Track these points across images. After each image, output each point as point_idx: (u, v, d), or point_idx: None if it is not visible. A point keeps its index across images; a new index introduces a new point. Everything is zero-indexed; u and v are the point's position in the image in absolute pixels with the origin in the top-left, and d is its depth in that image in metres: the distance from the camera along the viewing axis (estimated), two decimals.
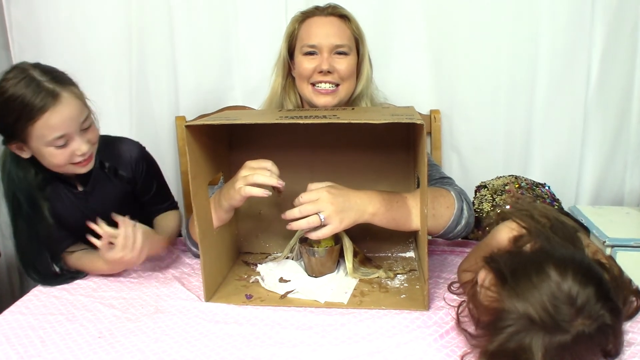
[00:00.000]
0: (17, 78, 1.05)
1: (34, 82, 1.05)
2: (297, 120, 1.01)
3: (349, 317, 0.98)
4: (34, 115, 1.04)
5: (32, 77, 1.05)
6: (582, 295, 0.75)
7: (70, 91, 1.09)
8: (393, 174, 1.23)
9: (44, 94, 1.04)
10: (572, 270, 0.77)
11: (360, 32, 1.36)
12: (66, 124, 1.07)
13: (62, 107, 1.06)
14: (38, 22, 1.71)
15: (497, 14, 1.68)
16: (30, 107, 1.04)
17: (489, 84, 1.75)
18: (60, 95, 1.06)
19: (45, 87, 1.05)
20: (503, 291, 0.79)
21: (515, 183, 1.60)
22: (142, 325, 0.97)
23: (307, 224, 1.01)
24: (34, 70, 1.07)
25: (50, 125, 1.05)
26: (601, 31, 1.67)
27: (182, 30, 1.73)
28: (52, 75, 1.08)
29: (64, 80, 1.10)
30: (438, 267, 1.20)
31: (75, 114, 1.09)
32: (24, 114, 1.04)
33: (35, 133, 1.06)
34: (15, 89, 1.04)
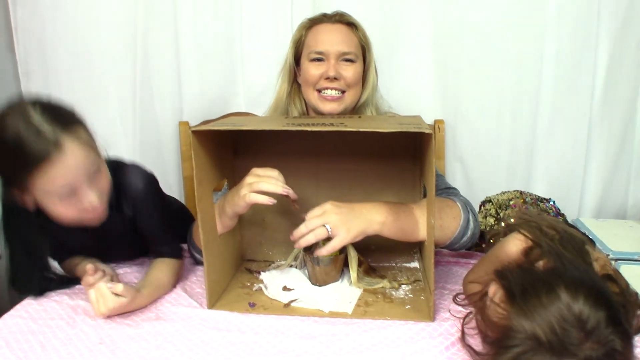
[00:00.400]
0: (14, 118, 0.90)
1: (32, 127, 0.90)
2: (304, 127, 1.00)
3: (354, 327, 0.97)
4: (32, 166, 0.91)
5: (30, 120, 0.90)
6: (592, 318, 0.73)
7: (75, 137, 0.94)
8: (399, 183, 1.22)
9: (43, 141, 0.90)
10: (583, 293, 0.75)
11: (367, 40, 1.36)
12: (71, 175, 0.94)
13: (64, 157, 0.92)
14: (43, 26, 1.71)
15: (502, 26, 1.69)
16: (28, 157, 0.90)
17: (494, 95, 1.75)
18: (62, 145, 0.91)
19: (45, 134, 0.90)
20: (512, 309, 0.78)
21: (520, 198, 1.59)
22: (143, 331, 0.96)
23: (314, 237, 1.00)
24: (34, 110, 0.91)
25: (51, 177, 0.92)
26: (606, 44, 1.68)
27: (187, 36, 1.74)
28: (55, 117, 0.93)
29: (68, 123, 0.94)
30: (443, 278, 1.19)
31: (80, 164, 0.94)
32: (21, 163, 0.91)
33: (36, 184, 0.93)
34: (11, 133, 0.90)
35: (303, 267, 1.21)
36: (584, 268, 0.87)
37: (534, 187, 1.80)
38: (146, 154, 1.79)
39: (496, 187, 1.78)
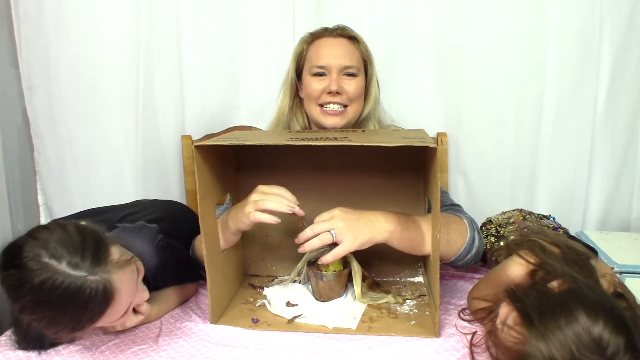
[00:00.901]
0: (51, 281, 0.80)
1: (79, 280, 0.81)
2: (308, 142, 1.00)
3: (359, 343, 0.96)
4: (96, 318, 0.85)
5: (70, 275, 0.81)
6: (613, 344, 0.72)
7: (117, 266, 0.87)
8: (402, 197, 1.22)
9: (98, 290, 0.83)
10: (603, 317, 0.74)
11: (368, 53, 1.36)
12: (129, 298, 0.91)
13: (120, 290, 0.87)
14: (47, 41, 1.72)
15: (504, 38, 1.69)
16: (91, 312, 0.84)
17: (496, 108, 1.74)
18: (113, 281, 0.85)
19: (95, 281, 0.83)
20: (529, 333, 0.76)
21: (519, 215, 1.59)
22: (147, 348, 0.95)
23: (319, 241, 0.98)
24: (60, 262, 0.81)
25: (115, 312, 0.88)
26: (609, 56, 1.68)
27: (189, 50, 1.74)
28: (87, 255, 0.84)
29: (100, 253, 0.86)
30: (448, 292, 1.18)
31: (132, 283, 0.91)
32: (83, 321, 0.84)
33: (97, 324, 0.89)
34: (62, 300, 0.81)
35: (307, 282, 1.21)
36: (600, 290, 0.86)
37: (537, 200, 1.80)
38: (149, 168, 1.79)
39: (499, 200, 1.78)
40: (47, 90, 1.75)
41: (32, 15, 1.69)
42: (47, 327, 0.84)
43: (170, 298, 1.13)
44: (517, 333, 0.79)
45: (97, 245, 0.86)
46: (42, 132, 1.79)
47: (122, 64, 1.74)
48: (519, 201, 1.80)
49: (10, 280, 0.82)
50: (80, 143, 1.77)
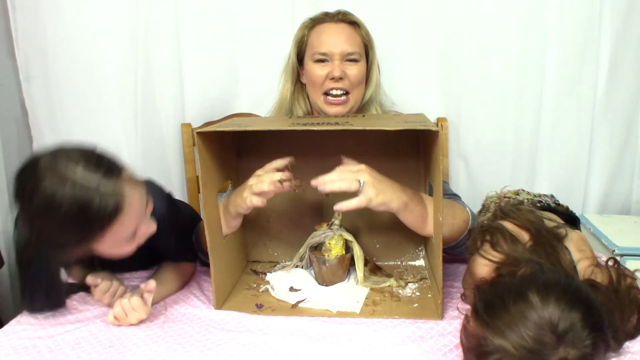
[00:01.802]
0: (64, 187, 0.82)
1: (90, 188, 0.83)
2: (310, 127, 1.00)
3: (363, 326, 0.97)
4: (105, 227, 0.87)
5: (83, 183, 0.83)
6: (565, 320, 0.71)
7: (128, 181, 0.90)
8: (403, 181, 1.20)
9: (109, 199, 0.85)
10: (555, 295, 0.73)
11: (369, 38, 1.36)
12: (138, 218, 0.92)
13: (130, 204, 0.88)
14: (44, 31, 1.71)
15: (505, 23, 1.68)
16: (99, 220, 0.85)
17: (497, 92, 1.74)
18: (124, 193, 0.87)
19: (107, 190, 0.85)
20: (479, 326, 0.76)
21: (515, 192, 1.59)
22: (152, 334, 0.96)
23: (347, 184, 0.96)
24: (74, 170, 0.83)
25: (123, 229, 0.90)
26: (609, 40, 1.68)
27: (188, 38, 1.73)
28: (101, 167, 0.86)
29: (114, 169, 0.89)
30: (450, 276, 1.19)
31: (142, 203, 0.93)
32: (91, 228, 0.86)
33: (105, 240, 0.90)
34: (73, 203, 0.82)
35: (309, 267, 1.21)
36: (562, 270, 0.86)
37: (538, 184, 1.80)
38: (149, 156, 1.78)
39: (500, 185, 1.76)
40: (44, 81, 1.74)
41: (28, 5, 1.68)
42: (56, 235, 0.86)
43: (169, 282, 1.13)
44: (471, 327, 0.79)
45: (112, 162, 0.90)
46: (41, 123, 1.78)
47: (120, 53, 1.73)
48: (519, 185, 1.79)
49: (26, 182, 0.84)
50: (79, 133, 1.76)
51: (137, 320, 0.99)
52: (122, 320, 0.98)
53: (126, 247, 0.95)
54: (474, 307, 0.80)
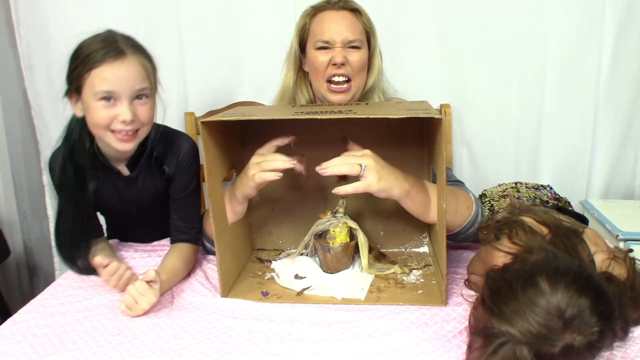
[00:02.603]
0: (100, 35, 1.07)
1: (110, 39, 1.06)
2: (313, 115, 1.00)
3: (368, 313, 0.98)
4: (92, 64, 1.03)
5: (111, 36, 1.07)
6: (572, 306, 0.71)
7: (138, 57, 1.08)
8: (407, 168, 1.20)
9: (111, 48, 1.04)
10: (564, 281, 0.73)
11: (371, 25, 1.36)
12: (118, 82, 1.04)
13: (121, 64, 1.04)
14: (45, 20, 1.70)
15: (508, 9, 1.67)
16: (92, 56, 1.03)
17: (500, 78, 1.74)
18: (124, 55, 1.05)
19: (115, 44, 1.05)
20: (484, 312, 0.77)
21: (514, 189, 1.59)
22: (160, 322, 0.97)
23: (347, 168, 0.97)
24: (117, 34, 1.08)
25: (102, 77, 1.03)
26: (613, 24, 1.66)
27: (190, 26, 1.72)
28: (132, 41, 1.09)
29: (140, 49, 1.10)
30: (454, 262, 1.19)
31: (131, 77, 1.06)
32: (85, 61, 1.04)
33: (88, 82, 1.04)
34: (90, 41, 1.06)
35: (314, 255, 1.22)
36: (575, 259, 0.86)
37: (541, 170, 1.80)
38: None
39: (503, 171, 1.78)
40: (47, 70, 1.74)
41: None
42: (70, 61, 1.08)
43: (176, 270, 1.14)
44: (478, 313, 0.80)
45: (144, 48, 1.13)
46: (43, 112, 1.78)
47: None
48: (522, 171, 1.80)
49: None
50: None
51: (148, 304, 0.99)
52: (133, 307, 0.98)
53: (101, 111, 1.05)
54: (482, 295, 0.81)
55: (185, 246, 1.20)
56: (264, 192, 1.24)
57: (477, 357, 0.78)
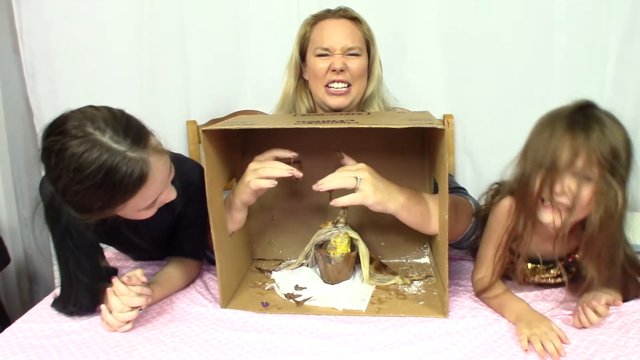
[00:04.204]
0: (91, 153, 0.83)
1: (118, 156, 0.84)
2: (315, 125, 0.99)
3: (370, 325, 0.97)
4: (128, 196, 0.88)
5: (111, 149, 0.84)
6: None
7: (153, 150, 0.90)
8: (408, 178, 1.21)
9: (134, 168, 0.85)
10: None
11: (370, 34, 1.36)
12: (160, 188, 0.94)
13: (155, 175, 0.89)
14: (48, 27, 1.70)
15: (511, 19, 1.67)
16: (123, 189, 0.86)
17: (503, 88, 1.73)
18: (149, 163, 0.88)
19: (133, 160, 0.85)
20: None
21: None
22: (159, 333, 0.96)
23: (342, 182, 0.98)
24: (103, 135, 0.84)
25: (146, 197, 0.91)
26: (617, 36, 1.66)
27: (193, 34, 1.72)
28: (129, 135, 0.86)
29: (141, 136, 0.89)
30: (456, 273, 1.19)
31: (165, 173, 0.94)
32: (116, 197, 0.87)
33: (128, 207, 0.91)
34: (99, 171, 0.83)
35: (314, 265, 1.21)
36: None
37: None
38: None
39: None
40: (49, 78, 1.74)
41: (32, 2, 1.68)
42: (81, 201, 0.86)
43: (174, 279, 1.14)
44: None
45: (139, 129, 0.90)
46: (45, 119, 1.72)
47: (124, 50, 1.73)
48: None
49: (53, 147, 0.84)
50: None
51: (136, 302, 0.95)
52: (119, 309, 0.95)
53: (145, 212, 0.96)
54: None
55: (186, 259, 1.19)
56: (263, 202, 1.23)
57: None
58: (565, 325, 0.94)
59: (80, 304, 1.01)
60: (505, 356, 0.86)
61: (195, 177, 1.10)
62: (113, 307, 0.96)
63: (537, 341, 0.87)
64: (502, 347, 0.89)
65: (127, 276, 0.98)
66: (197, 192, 1.06)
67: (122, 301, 0.95)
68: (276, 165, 1.04)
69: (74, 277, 0.99)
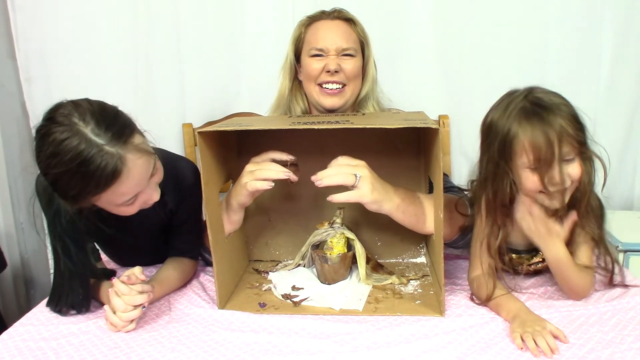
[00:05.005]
0: (70, 142, 0.86)
1: (95, 148, 0.87)
2: (310, 125, 1.00)
3: (367, 325, 0.97)
4: (100, 189, 0.89)
5: (90, 140, 0.87)
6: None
7: (133, 148, 0.91)
8: (403, 178, 1.22)
9: (109, 163, 0.87)
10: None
11: (365, 35, 1.37)
12: (137, 187, 0.94)
13: (130, 172, 0.90)
14: (44, 31, 1.71)
15: (506, 19, 1.68)
16: (95, 182, 0.88)
17: (498, 88, 1.70)
18: (126, 160, 0.89)
19: (110, 154, 0.88)
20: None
21: None
22: (157, 334, 0.96)
23: (342, 178, 0.98)
24: (86, 127, 0.87)
25: (119, 193, 0.92)
26: (611, 35, 1.67)
27: (188, 37, 1.73)
28: (111, 129, 0.89)
29: (125, 133, 0.91)
30: (452, 273, 1.19)
31: (144, 172, 0.94)
32: (88, 188, 0.89)
33: (102, 200, 0.94)
34: (73, 159, 0.86)
35: (311, 265, 1.21)
36: None
37: None
38: None
39: None
40: (45, 82, 1.74)
41: (28, 6, 1.68)
42: (58, 184, 0.91)
43: (171, 278, 1.14)
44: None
45: (124, 126, 0.93)
46: None
47: (120, 53, 1.73)
48: None
49: (40, 131, 0.90)
50: None
51: (138, 300, 0.96)
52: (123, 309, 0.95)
53: (124, 209, 0.98)
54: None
55: (183, 259, 1.19)
56: (260, 203, 1.24)
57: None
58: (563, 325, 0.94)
59: (72, 298, 1.02)
60: (502, 354, 0.87)
61: (188, 175, 1.13)
62: (116, 307, 0.96)
63: (530, 338, 0.87)
64: (498, 345, 0.89)
65: (126, 275, 0.98)
66: (190, 189, 1.09)
67: (124, 301, 0.96)
68: (272, 167, 1.04)
69: (65, 269, 1.00)
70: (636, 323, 0.94)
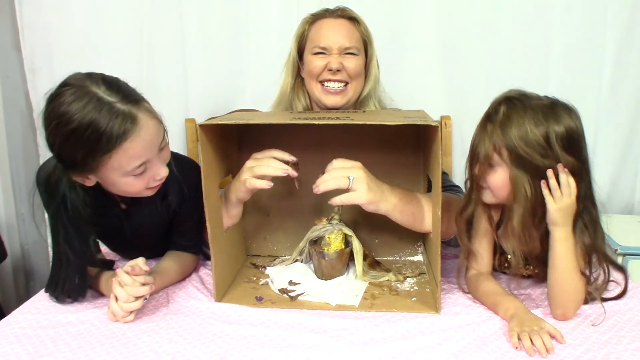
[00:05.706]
0: (81, 101, 0.86)
1: (106, 105, 0.87)
2: (311, 121, 1.00)
3: (364, 321, 0.97)
4: (111, 146, 0.88)
5: (101, 99, 0.87)
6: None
7: (145, 110, 0.92)
8: (403, 176, 1.22)
9: (120, 119, 0.87)
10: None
11: (368, 34, 1.37)
12: (147, 150, 0.92)
13: (142, 132, 0.89)
14: (49, 24, 1.72)
15: (509, 20, 1.68)
16: (106, 138, 0.87)
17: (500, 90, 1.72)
18: (137, 119, 0.89)
19: (121, 111, 0.87)
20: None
21: None
22: (154, 325, 0.96)
23: (335, 183, 0.98)
24: (97, 88, 0.88)
25: (130, 155, 0.90)
26: (614, 37, 1.67)
27: (192, 33, 1.74)
28: (122, 92, 0.90)
29: (135, 97, 0.92)
30: (450, 271, 1.19)
31: (155, 136, 0.93)
32: (98, 146, 0.87)
33: (112, 164, 0.90)
34: (84, 116, 0.85)
35: (308, 261, 1.22)
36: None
37: None
38: None
39: None
40: (49, 73, 1.75)
41: None
42: (65, 148, 0.89)
43: (170, 271, 1.15)
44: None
45: (135, 92, 0.94)
46: None
47: (124, 47, 1.74)
48: None
49: (52, 94, 0.90)
50: None
51: (141, 291, 0.96)
52: (125, 299, 0.96)
53: (132, 182, 0.95)
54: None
55: (184, 253, 1.20)
56: (259, 199, 1.24)
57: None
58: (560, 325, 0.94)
59: (69, 286, 1.02)
60: (498, 352, 0.87)
61: (192, 176, 1.10)
62: (118, 297, 0.97)
63: (527, 337, 0.87)
64: (494, 343, 0.89)
65: (130, 266, 0.98)
66: (193, 190, 1.07)
67: (127, 291, 0.96)
68: (272, 163, 1.04)
69: (64, 256, 1.00)
70: (633, 324, 0.95)
